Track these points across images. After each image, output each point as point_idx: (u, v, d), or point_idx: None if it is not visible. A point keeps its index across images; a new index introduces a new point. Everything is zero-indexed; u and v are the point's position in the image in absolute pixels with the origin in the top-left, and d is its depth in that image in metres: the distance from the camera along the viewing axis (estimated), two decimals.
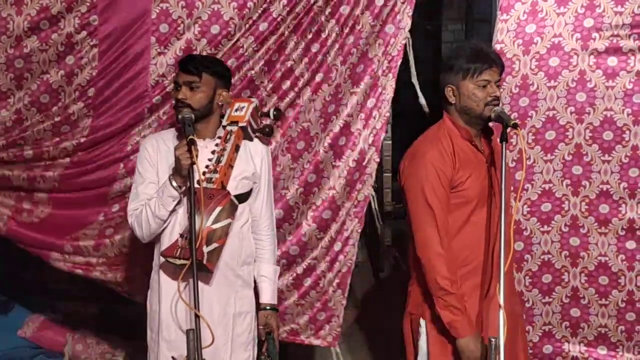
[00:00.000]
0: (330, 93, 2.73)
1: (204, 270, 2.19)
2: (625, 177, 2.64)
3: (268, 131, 2.51)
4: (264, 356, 2.45)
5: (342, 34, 2.67)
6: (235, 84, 2.61)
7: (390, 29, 2.70)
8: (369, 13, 2.67)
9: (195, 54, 2.54)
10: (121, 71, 2.63)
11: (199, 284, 2.08)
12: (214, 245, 2.19)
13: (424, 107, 2.88)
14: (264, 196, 2.45)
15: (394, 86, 2.77)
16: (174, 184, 2.20)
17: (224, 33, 2.58)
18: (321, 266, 2.86)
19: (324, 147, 2.77)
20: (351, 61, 2.71)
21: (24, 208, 2.84)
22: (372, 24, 2.68)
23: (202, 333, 2.02)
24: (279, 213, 2.74)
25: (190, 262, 2.07)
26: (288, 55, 2.67)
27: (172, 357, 2.21)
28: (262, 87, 2.70)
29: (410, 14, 2.69)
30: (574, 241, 2.73)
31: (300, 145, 2.77)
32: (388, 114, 2.79)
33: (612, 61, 2.58)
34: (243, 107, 2.43)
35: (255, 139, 2.46)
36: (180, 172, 2.17)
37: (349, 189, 2.80)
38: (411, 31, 2.70)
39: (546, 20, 2.61)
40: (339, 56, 2.70)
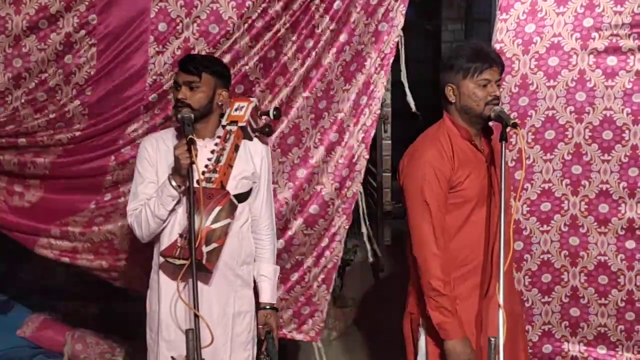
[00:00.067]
0: (322, 89, 2.73)
1: (203, 270, 2.19)
2: (625, 176, 2.64)
3: (268, 131, 2.51)
4: (263, 355, 2.45)
5: (335, 30, 2.67)
6: None
7: (384, 27, 2.70)
8: (363, 11, 2.67)
9: (195, 53, 2.54)
10: (119, 70, 2.62)
11: (198, 283, 2.08)
12: (214, 245, 2.19)
13: (411, 106, 2.89)
14: (264, 196, 2.45)
15: (385, 84, 2.77)
16: (173, 183, 2.20)
17: (222, 32, 2.57)
18: (307, 261, 2.87)
19: (314, 142, 2.77)
20: (344, 58, 2.72)
21: (15, 191, 2.82)
22: (365, 22, 2.68)
23: (201, 333, 2.02)
24: None
25: (189, 262, 2.07)
26: (283, 51, 2.67)
27: (172, 357, 2.21)
28: (256, 83, 2.69)
29: (404, 12, 2.70)
30: (574, 241, 2.73)
31: (290, 140, 2.77)
32: (378, 112, 2.79)
33: (612, 61, 2.58)
34: (243, 107, 2.42)
35: (255, 139, 2.45)
36: (180, 172, 2.16)
37: (338, 186, 2.81)
38: (411, 31, 2.70)
39: (546, 19, 2.61)
40: (332, 53, 2.70)
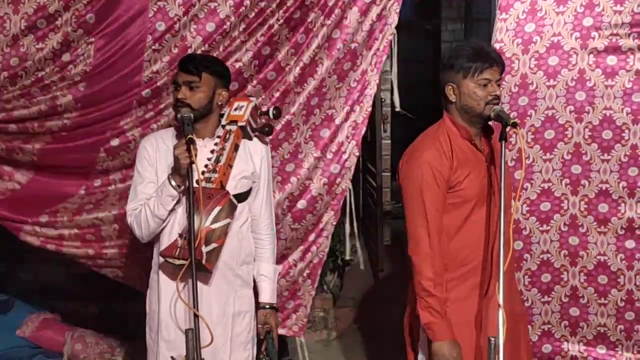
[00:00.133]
0: (315, 87, 2.73)
1: (202, 270, 2.19)
2: (625, 176, 2.64)
3: (267, 130, 2.50)
4: (263, 355, 2.45)
5: (329, 28, 2.66)
6: None
7: (377, 25, 2.70)
8: (357, 9, 2.66)
9: (195, 53, 2.53)
10: (115, 68, 2.61)
11: (198, 283, 2.08)
12: (213, 245, 2.19)
13: (396, 105, 2.89)
14: (264, 195, 2.45)
15: (377, 81, 2.77)
16: (173, 183, 2.19)
17: (219, 31, 2.57)
18: (293, 256, 2.87)
19: (304, 138, 2.77)
20: (337, 56, 2.71)
21: (5, 171, 2.81)
22: (359, 20, 2.68)
23: (201, 333, 2.02)
24: None
25: (188, 262, 2.07)
26: (277, 48, 2.66)
27: (171, 356, 2.21)
28: (250, 80, 2.68)
29: (398, 10, 2.70)
30: (573, 240, 2.73)
31: (281, 135, 2.76)
32: (370, 109, 2.80)
33: (612, 60, 2.58)
34: (242, 106, 2.42)
35: (255, 138, 2.45)
36: (179, 171, 2.16)
37: (327, 181, 2.81)
38: (410, 31, 2.71)
39: (545, 19, 2.61)
40: (325, 50, 2.70)
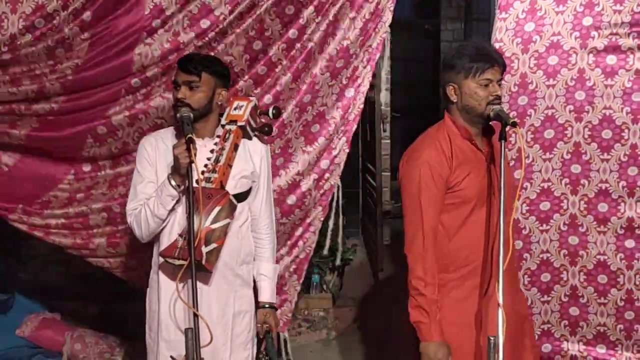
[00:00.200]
0: (307, 83, 2.72)
1: (202, 270, 2.19)
2: (624, 175, 2.64)
3: (267, 130, 2.50)
4: (262, 355, 2.45)
5: (322, 24, 2.65)
6: None
7: (371, 23, 2.70)
8: (350, 5, 2.66)
9: (195, 53, 2.52)
10: (106, 60, 2.61)
11: (197, 283, 2.08)
12: (213, 246, 2.18)
13: (382, 102, 2.89)
14: (264, 195, 2.45)
15: (370, 79, 2.77)
16: (173, 183, 2.19)
17: (213, 27, 2.56)
18: (280, 250, 2.87)
19: (295, 134, 2.77)
20: (330, 53, 2.71)
21: None
22: (351, 16, 2.68)
23: (201, 332, 2.02)
24: None
25: (188, 262, 2.07)
26: (269, 43, 2.64)
27: (171, 356, 2.21)
28: (241, 74, 2.67)
29: (392, 8, 2.70)
30: (573, 240, 2.73)
31: (274, 132, 2.75)
32: (362, 106, 2.80)
33: (611, 59, 2.58)
34: (242, 106, 2.42)
35: (254, 138, 2.45)
36: (179, 171, 2.16)
37: (317, 177, 2.81)
38: (410, 30, 2.70)
39: (545, 18, 2.61)
40: (317, 47, 2.69)
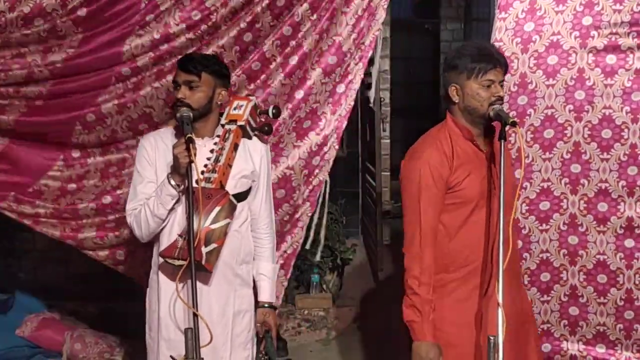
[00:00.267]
0: (299, 77, 2.72)
1: (202, 270, 2.19)
2: (624, 175, 2.64)
3: (267, 129, 2.50)
4: (262, 354, 2.45)
5: (315, 21, 2.65)
6: None
7: (364, 21, 2.69)
8: (344, 3, 2.66)
9: (195, 52, 2.52)
10: (97, 50, 2.60)
11: (197, 283, 2.08)
12: (213, 246, 2.18)
13: (371, 101, 2.88)
14: (263, 194, 2.44)
15: (362, 76, 2.77)
16: (172, 182, 2.19)
17: (205, 21, 2.55)
18: None
19: (287, 130, 2.77)
20: (323, 49, 2.70)
21: None
22: (345, 12, 2.67)
23: (200, 332, 2.02)
24: None
25: (187, 262, 2.07)
26: (260, 35, 2.63)
27: (171, 356, 2.20)
28: (230, 66, 2.64)
29: (386, 6, 2.70)
30: (573, 239, 2.73)
31: None
32: (352, 103, 2.79)
33: (611, 59, 2.58)
34: (242, 106, 2.42)
35: (254, 137, 2.45)
36: (179, 171, 2.16)
37: (307, 172, 2.80)
38: (410, 30, 2.70)
39: (545, 18, 2.61)
40: (311, 43, 2.68)
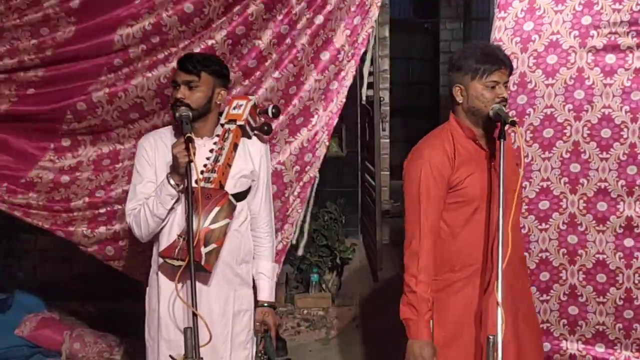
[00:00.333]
0: (294, 74, 2.71)
1: (202, 271, 2.19)
2: (624, 174, 2.64)
3: (267, 129, 2.50)
4: (261, 354, 2.45)
5: (311, 19, 2.64)
6: None
7: (358, 18, 2.69)
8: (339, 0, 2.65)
9: (195, 52, 2.51)
10: (88, 39, 2.59)
11: (197, 283, 2.08)
12: (212, 246, 2.19)
13: (363, 98, 2.88)
14: (263, 194, 2.45)
15: (354, 73, 2.77)
16: (172, 182, 2.19)
17: (198, 14, 2.54)
18: None
19: (280, 126, 2.76)
20: (316, 43, 2.69)
21: None
22: (340, 6, 2.66)
23: (200, 332, 2.02)
24: None
25: (187, 263, 2.07)
26: (253, 28, 2.62)
27: (170, 356, 2.20)
28: (222, 58, 2.63)
29: (379, 4, 2.70)
30: (572, 239, 2.73)
31: None
32: (344, 100, 2.79)
33: (610, 58, 2.58)
34: (241, 105, 2.42)
35: (254, 137, 2.45)
36: (178, 170, 2.16)
37: (298, 168, 2.80)
38: (409, 30, 2.70)
39: (544, 17, 2.61)
40: (307, 41, 2.67)
